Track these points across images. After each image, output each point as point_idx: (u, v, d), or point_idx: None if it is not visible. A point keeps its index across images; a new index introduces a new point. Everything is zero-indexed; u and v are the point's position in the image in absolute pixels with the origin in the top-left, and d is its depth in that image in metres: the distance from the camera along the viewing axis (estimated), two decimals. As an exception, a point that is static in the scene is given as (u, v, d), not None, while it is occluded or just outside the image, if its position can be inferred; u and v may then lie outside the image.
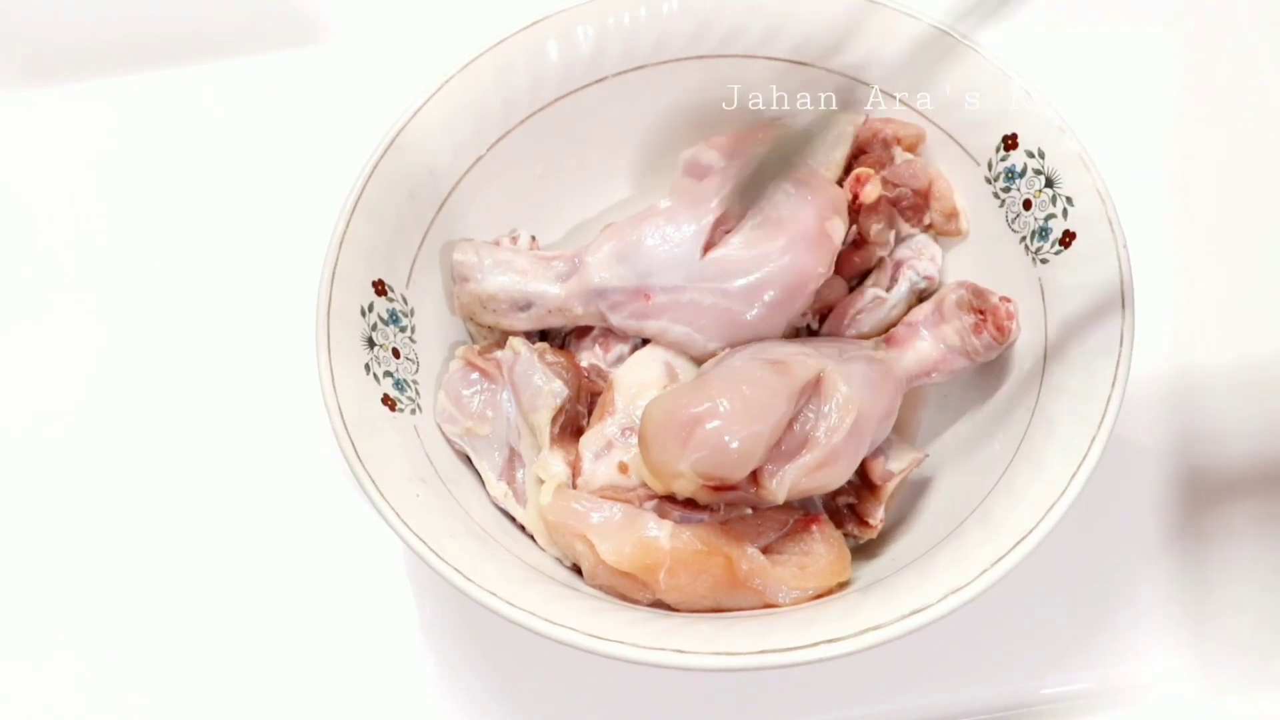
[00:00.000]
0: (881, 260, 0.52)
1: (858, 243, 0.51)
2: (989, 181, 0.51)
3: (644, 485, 0.45)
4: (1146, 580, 0.52)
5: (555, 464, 0.47)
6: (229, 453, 0.57)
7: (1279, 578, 0.52)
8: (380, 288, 0.48)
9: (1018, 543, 0.40)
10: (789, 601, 0.44)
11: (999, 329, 0.48)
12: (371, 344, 0.47)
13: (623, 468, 0.46)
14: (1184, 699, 0.50)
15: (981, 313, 0.48)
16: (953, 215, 0.52)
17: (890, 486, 0.48)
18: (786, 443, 0.43)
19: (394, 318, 0.48)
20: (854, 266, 0.51)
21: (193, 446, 0.57)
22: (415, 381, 0.49)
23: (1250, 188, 0.61)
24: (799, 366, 0.44)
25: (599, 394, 0.49)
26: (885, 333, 0.50)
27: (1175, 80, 0.64)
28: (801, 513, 0.47)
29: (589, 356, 0.51)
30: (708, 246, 0.48)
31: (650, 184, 0.56)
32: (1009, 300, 0.48)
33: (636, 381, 0.48)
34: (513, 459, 0.49)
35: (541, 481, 0.47)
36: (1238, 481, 0.54)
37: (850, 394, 0.44)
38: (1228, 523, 0.53)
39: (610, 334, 0.50)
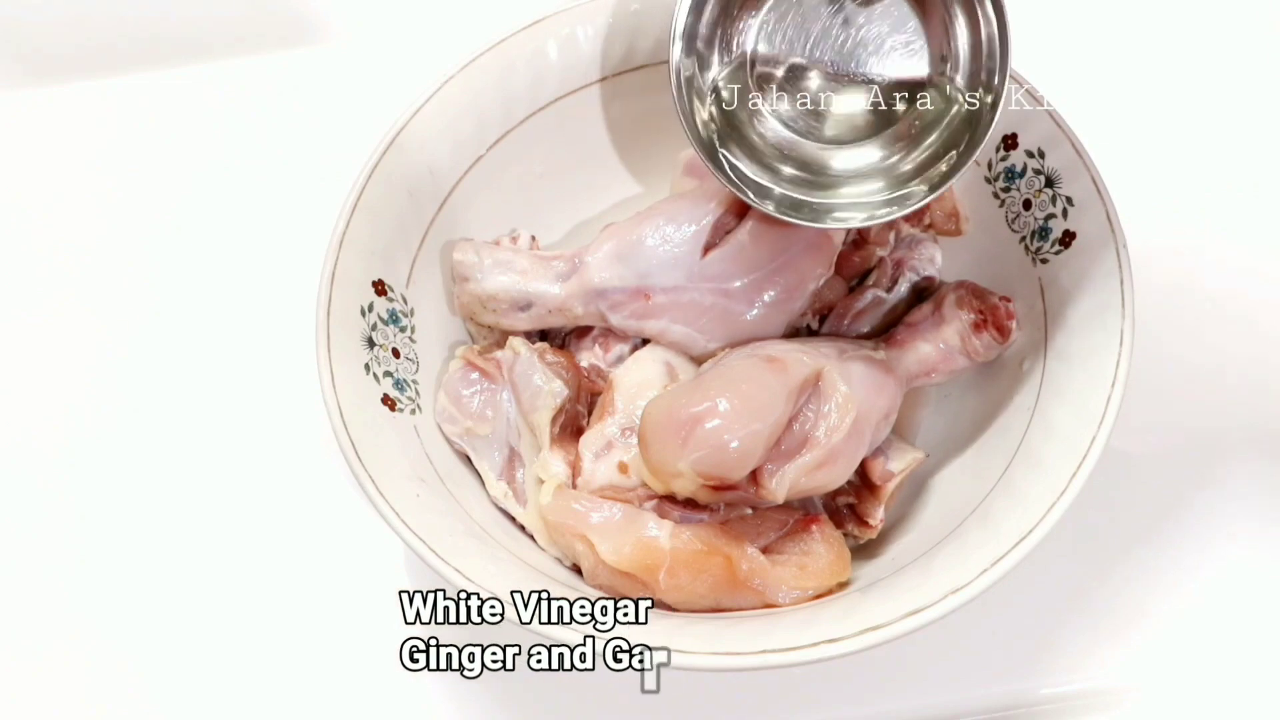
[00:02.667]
0: (881, 260, 0.52)
1: (858, 243, 0.51)
2: (989, 181, 0.51)
3: (644, 485, 0.45)
4: (1146, 580, 0.52)
5: (555, 464, 0.47)
6: (229, 452, 0.57)
7: (1277, 578, 0.52)
8: (380, 288, 0.48)
9: (1018, 543, 0.40)
10: (789, 601, 0.44)
11: (999, 329, 0.48)
12: (371, 344, 0.47)
13: (623, 468, 0.46)
14: (1184, 699, 0.50)
15: (981, 313, 0.48)
16: (953, 215, 0.52)
17: (890, 486, 0.48)
18: (786, 442, 0.43)
19: (394, 318, 0.48)
20: (854, 266, 0.51)
21: (193, 446, 0.57)
22: (415, 381, 0.49)
23: (1250, 187, 0.61)
24: (795, 364, 0.44)
25: (599, 394, 0.49)
26: (885, 333, 0.50)
27: (1176, 80, 0.64)
28: (801, 513, 0.47)
29: (589, 356, 0.51)
30: (708, 247, 0.48)
31: (650, 184, 0.56)
32: (1009, 300, 0.49)
33: (636, 381, 0.48)
34: (513, 459, 0.49)
35: (541, 481, 0.47)
36: (1237, 482, 0.54)
37: (849, 393, 0.44)
38: (1228, 523, 0.53)
39: (610, 334, 0.50)
